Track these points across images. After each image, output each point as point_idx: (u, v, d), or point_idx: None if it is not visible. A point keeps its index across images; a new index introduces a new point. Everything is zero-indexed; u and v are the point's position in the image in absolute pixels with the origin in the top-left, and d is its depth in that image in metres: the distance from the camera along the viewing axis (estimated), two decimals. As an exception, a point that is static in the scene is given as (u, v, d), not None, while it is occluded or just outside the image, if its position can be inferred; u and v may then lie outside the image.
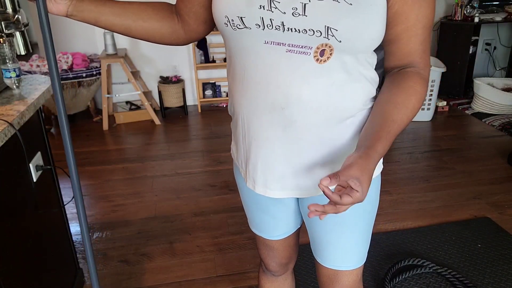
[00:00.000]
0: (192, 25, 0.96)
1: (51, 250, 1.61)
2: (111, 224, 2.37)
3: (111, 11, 0.89)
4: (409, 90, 0.81)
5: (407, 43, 0.81)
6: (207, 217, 2.41)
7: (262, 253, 1.20)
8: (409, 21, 0.78)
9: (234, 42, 0.83)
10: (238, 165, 1.02)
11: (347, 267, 1.02)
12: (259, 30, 0.77)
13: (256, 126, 0.87)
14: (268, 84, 0.81)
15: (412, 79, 0.81)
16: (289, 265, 1.24)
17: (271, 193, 0.94)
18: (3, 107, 1.31)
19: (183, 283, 1.91)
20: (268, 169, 0.90)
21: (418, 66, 0.83)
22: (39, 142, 1.55)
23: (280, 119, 0.83)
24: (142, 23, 0.92)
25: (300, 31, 0.75)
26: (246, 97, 0.86)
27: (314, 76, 0.79)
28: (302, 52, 0.77)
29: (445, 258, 2.00)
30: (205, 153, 3.28)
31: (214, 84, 4.30)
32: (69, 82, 3.61)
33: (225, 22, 0.80)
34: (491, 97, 3.79)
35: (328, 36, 0.74)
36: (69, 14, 0.87)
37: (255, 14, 0.76)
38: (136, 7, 0.92)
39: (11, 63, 1.43)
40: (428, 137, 3.49)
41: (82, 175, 2.96)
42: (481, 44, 4.56)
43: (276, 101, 0.81)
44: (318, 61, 0.77)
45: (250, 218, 1.15)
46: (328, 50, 0.76)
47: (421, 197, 2.54)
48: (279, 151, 0.87)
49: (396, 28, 0.79)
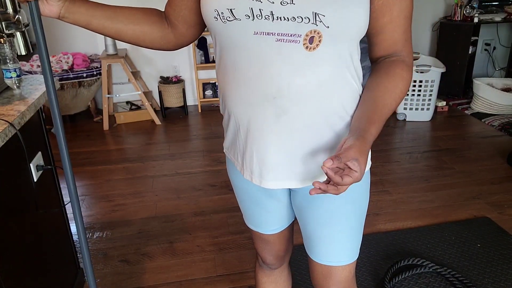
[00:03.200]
0: (181, 29, 0.98)
1: (52, 250, 1.61)
2: (111, 223, 2.38)
3: (102, 15, 0.91)
4: (396, 76, 0.86)
5: (392, 34, 0.85)
6: (207, 217, 2.42)
7: (258, 247, 1.23)
8: (392, 13, 0.82)
9: (223, 36, 0.85)
10: (233, 160, 1.03)
11: (339, 263, 1.04)
12: (249, 21, 0.79)
13: (249, 117, 0.88)
14: (259, 74, 0.82)
15: (399, 66, 0.86)
16: (285, 257, 1.27)
17: (266, 183, 0.95)
18: (3, 107, 1.32)
19: (183, 282, 1.92)
20: (263, 159, 0.92)
21: (402, 54, 0.88)
22: (39, 142, 1.55)
23: (272, 109, 0.85)
24: (133, 27, 0.94)
25: (289, 19, 0.77)
26: (238, 90, 0.87)
27: (304, 65, 0.80)
28: (291, 41, 0.78)
29: (444, 258, 2.00)
30: (205, 153, 3.28)
31: (214, 84, 4.31)
32: (69, 82, 3.61)
33: (214, 16, 0.82)
34: (491, 97, 3.80)
35: (316, 22, 0.76)
36: (61, 16, 0.88)
37: (245, 5, 0.78)
38: (128, 12, 0.94)
39: (11, 63, 1.44)
40: (428, 137, 3.49)
41: (82, 175, 2.97)
42: (480, 44, 4.56)
43: (267, 91, 0.83)
44: (308, 49, 0.79)
45: (245, 213, 1.16)
46: (317, 37, 0.78)
47: (420, 197, 2.55)
48: (273, 141, 0.89)
49: (382, 20, 0.83)
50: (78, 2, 0.89)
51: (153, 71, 4.22)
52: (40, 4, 0.85)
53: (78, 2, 0.89)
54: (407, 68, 0.87)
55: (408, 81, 0.87)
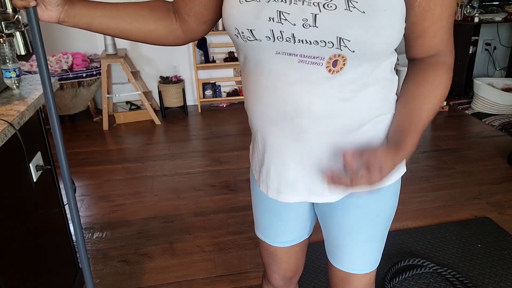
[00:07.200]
0: (192, 25, 0.92)
1: (51, 250, 1.61)
2: (111, 224, 2.37)
3: (104, 14, 0.86)
4: (436, 82, 0.81)
5: (434, 36, 0.80)
6: (207, 217, 2.41)
7: (265, 262, 1.16)
8: (434, 15, 0.77)
9: (245, 52, 0.82)
10: (253, 168, 1.00)
11: (360, 271, 1.01)
12: (270, 42, 0.76)
13: (268, 133, 0.86)
14: (279, 93, 0.79)
15: (439, 70, 0.82)
16: (293, 279, 1.19)
17: (284, 197, 0.92)
18: (3, 107, 1.31)
19: (183, 283, 1.91)
20: (281, 175, 0.89)
21: (443, 54, 0.83)
22: (39, 142, 1.55)
23: (290, 129, 0.82)
24: (138, 25, 0.89)
25: (311, 42, 0.73)
26: (258, 105, 0.84)
27: (326, 87, 0.77)
28: (314, 63, 0.75)
29: (445, 258, 2.00)
30: (205, 153, 3.28)
31: (214, 84, 4.30)
32: (69, 82, 3.61)
33: (235, 34, 0.79)
34: (491, 97, 3.79)
35: (341, 47, 0.72)
36: (61, 20, 0.83)
37: (265, 27, 0.75)
38: (131, 8, 0.88)
39: (11, 63, 1.43)
40: (428, 137, 3.49)
41: (82, 175, 2.96)
42: (481, 44, 4.56)
43: (286, 111, 0.80)
44: (331, 72, 0.75)
45: (257, 220, 1.11)
46: (341, 61, 0.74)
47: (421, 197, 2.54)
48: (291, 158, 0.86)
49: (423, 24, 0.78)
50: (78, 4, 0.84)
51: (153, 71, 4.22)
52: (38, 10, 0.81)
53: (78, 4, 0.84)
54: (447, 69, 0.82)
55: (448, 84, 0.82)
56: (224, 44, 4.25)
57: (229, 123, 3.89)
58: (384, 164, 0.70)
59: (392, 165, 0.72)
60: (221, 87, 4.34)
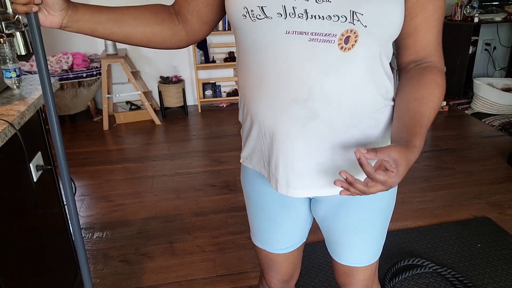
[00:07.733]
0: (194, 24, 0.92)
1: (51, 250, 1.61)
2: (111, 224, 2.37)
3: (108, 19, 0.84)
4: (431, 83, 0.81)
5: (425, 35, 0.81)
6: (207, 217, 2.41)
7: (264, 267, 1.15)
8: (427, 12, 0.78)
9: (251, 35, 0.79)
10: (258, 169, 0.96)
11: (362, 264, 1.03)
12: (281, 19, 0.74)
13: (276, 122, 0.83)
14: (290, 76, 0.77)
15: (432, 73, 0.82)
16: (291, 282, 1.19)
17: (293, 192, 0.90)
18: (3, 107, 1.31)
19: (183, 283, 1.92)
20: (290, 167, 0.87)
21: (433, 59, 0.84)
22: (39, 142, 1.55)
23: (302, 113, 0.80)
24: (143, 28, 0.87)
25: (324, 17, 0.72)
26: (264, 93, 0.82)
27: (338, 66, 0.76)
28: (326, 41, 0.74)
29: (445, 258, 2.00)
30: (205, 153, 3.28)
31: (214, 84, 4.30)
32: (69, 82, 3.61)
33: (243, 14, 0.77)
34: (491, 97, 3.79)
35: (354, 21, 0.72)
36: (64, 26, 0.81)
37: (277, 2, 0.73)
38: (134, 12, 0.87)
39: (11, 63, 1.43)
40: (428, 137, 3.49)
41: (82, 175, 2.96)
42: (480, 44, 4.56)
43: (298, 94, 0.78)
44: (343, 49, 0.74)
45: (255, 228, 1.10)
46: (353, 37, 0.73)
47: (421, 197, 2.55)
48: (301, 147, 0.84)
49: (416, 19, 0.79)
50: (81, 9, 0.82)
51: (153, 71, 4.22)
52: (40, 16, 0.78)
53: (82, 9, 0.82)
54: (440, 74, 0.82)
55: (443, 87, 0.82)
56: (224, 44, 4.25)
57: (229, 123, 3.89)
58: (400, 165, 0.69)
59: (407, 165, 0.71)
60: (221, 87, 4.34)
